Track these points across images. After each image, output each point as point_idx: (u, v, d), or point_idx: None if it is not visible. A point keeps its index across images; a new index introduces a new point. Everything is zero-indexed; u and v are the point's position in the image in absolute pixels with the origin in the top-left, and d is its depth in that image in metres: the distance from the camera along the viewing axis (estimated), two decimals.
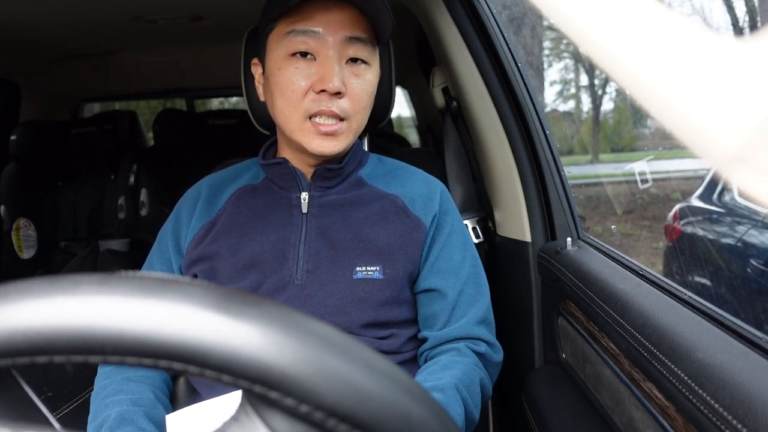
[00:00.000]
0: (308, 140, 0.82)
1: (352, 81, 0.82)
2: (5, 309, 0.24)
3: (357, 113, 0.83)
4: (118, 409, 0.80)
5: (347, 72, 0.81)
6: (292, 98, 0.81)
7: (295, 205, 0.88)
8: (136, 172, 2.28)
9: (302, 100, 0.80)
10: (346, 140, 0.84)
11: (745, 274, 2.16)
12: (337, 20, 0.80)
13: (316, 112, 0.80)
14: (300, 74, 0.80)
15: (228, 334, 0.24)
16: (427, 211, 0.89)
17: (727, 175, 0.20)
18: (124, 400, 0.81)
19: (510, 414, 1.20)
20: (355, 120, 0.84)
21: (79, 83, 2.35)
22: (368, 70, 0.84)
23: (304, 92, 0.80)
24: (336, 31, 0.80)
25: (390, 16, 0.82)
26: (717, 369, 0.51)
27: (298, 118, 0.81)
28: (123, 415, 0.79)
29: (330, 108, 0.80)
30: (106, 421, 0.80)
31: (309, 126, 0.81)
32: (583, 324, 0.86)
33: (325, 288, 0.83)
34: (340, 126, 0.82)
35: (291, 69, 0.81)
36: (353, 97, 0.82)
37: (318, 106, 0.80)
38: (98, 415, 0.82)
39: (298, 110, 0.81)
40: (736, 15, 4.17)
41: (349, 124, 0.83)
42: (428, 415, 0.26)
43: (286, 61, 0.81)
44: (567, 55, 11.18)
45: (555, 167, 1.09)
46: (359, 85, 0.82)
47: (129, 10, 1.48)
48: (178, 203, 0.96)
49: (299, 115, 0.81)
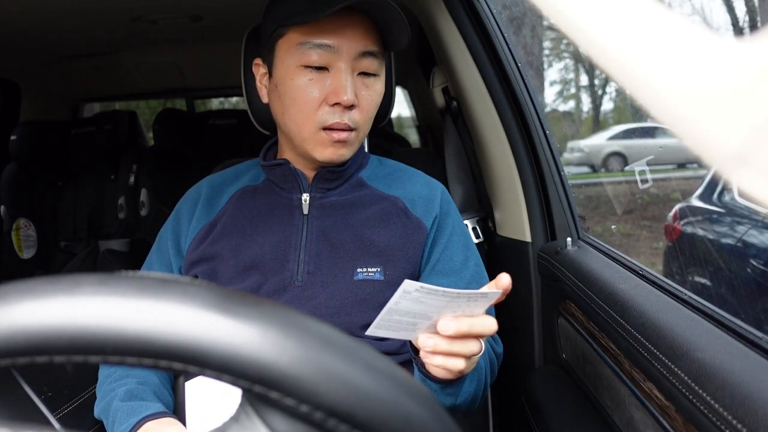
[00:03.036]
0: (320, 150, 0.83)
1: (363, 93, 0.82)
2: (5, 309, 0.24)
3: (365, 123, 0.85)
4: (126, 387, 0.82)
5: (359, 84, 0.82)
6: (306, 109, 0.81)
7: (296, 206, 0.88)
8: (136, 172, 2.28)
9: (316, 112, 0.81)
10: (353, 148, 0.86)
11: (745, 274, 2.16)
12: (352, 33, 0.80)
13: (330, 126, 0.81)
14: (313, 86, 0.81)
15: (228, 334, 0.24)
16: (427, 212, 0.89)
17: (727, 175, 0.20)
18: (130, 382, 0.83)
19: (510, 414, 1.20)
20: (363, 130, 0.85)
21: (79, 83, 2.34)
22: (377, 81, 0.85)
23: (318, 104, 0.81)
24: (350, 46, 0.80)
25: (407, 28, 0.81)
26: (717, 369, 0.51)
27: (311, 128, 0.82)
28: (131, 391, 0.82)
29: (343, 120, 0.81)
30: (114, 398, 0.81)
31: (323, 136, 0.82)
32: (583, 324, 0.86)
33: (326, 289, 0.83)
34: (349, 135, 0.83)
35: (304, 80, 0.81)
36: (363, 108, 0.83)
37: (332, 119, 0.80)
38: (105, 395, 0.83)
39: (311, 121, 0.81)
40: (736, 15, 4.17)
41: (357, 134, 0.84)
42: (428, 415, 0.26)
43: (299, 71, 0.81)
44: (567, 55, 11.18)
45: (555, 167, 1.09)
46: (369, 96, 0.83)
47: (129, 10, 1.48)
48: (178, 204, 0.96)
49: (313, 125, 0.81)
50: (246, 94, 1.00)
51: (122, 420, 0.78)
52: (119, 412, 0.79)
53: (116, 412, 0.79)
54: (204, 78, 2.46)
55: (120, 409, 0.79)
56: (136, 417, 0.77)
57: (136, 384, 0.83)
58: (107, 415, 0.81)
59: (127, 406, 0.79)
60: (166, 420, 0.78)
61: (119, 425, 0.77)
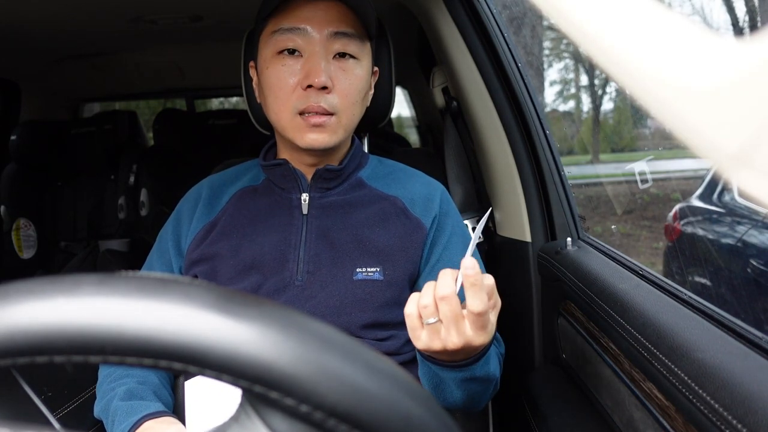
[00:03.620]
0: (299, 135, 0.82)
1: (339, 76, 0.82)
2: (5, 309, 0.24)
3: (346, 108, 0.83)
4: (126, 386, 0.82)
5: (335, 67, 0.82)
6: (281, 95, 0.82)
7: (295, 206, 0.88)
8: (136, 172, 2.28)
9: (291, 96, 0.81)
10: (335, 134, 0.84)
11: (745, 274, 2.16)
12: (323, 16, 0.81)
13: (304, 109, 0.81)
14: (288, 71, 0.81)
15: (228, 334, 0.24)
16: (427, 212, 0.89)
17: (727, 175, 0.20)
18: (130, 381, 0.83)
19: (510, 414, 1.20)
20: (344, 115, 0.84)
21: (79, 83, 2.34)
22: (357, 65, 0.84)
23: (292, 89, 0.81)
24: (322, 27, 0.80)
25: (372, 9, 0.83)
26: (717, 369, 0.51)
27: (288, 115, 0.82)
28: (131, 390, 0.82)
29: (318, 103, 0.80)
30: (114, 398, 0.81)
31: (299, 121, 0.82)
32: (583, 324, 0.86)
33: (325, 289, 0.83)
34: (327, 119, 0.82)
35: (279, 66, 0.82)
36: (341, 92, 0.82)
37: (306, 102, 0.80)
38: (105, 395, 0.83)
39: (287, 106, 0.82)
40: (736, 15, 4.17)
41: (339, 119, 0.83)
42: (428, 415, 0.26)
43: (275, 59, 0.82)
44: (567, 55, 11.18)
45: (555, 167, 1.09)
46: (347, 80, 0.82)
47: (129, 11, 1.48)
48: (179, 204, 0.96)
49: (289, 111, 0.82)
50: (246, 94, 1.01)
51: (122, 419, 0.78)
52: (119, 411, 0.79)
53: (116, 412, 0.79)
54: (204, 78, 2.46)
55: (120, 408, 0.79)
56: (136, 416, 0.77)
57: (135, 383, 0.83)
58: (107, 414, 0.81)
59: (127, 405, 0.79)
60: (165, 419, 0.78)
61: (119, 424, 0.78)
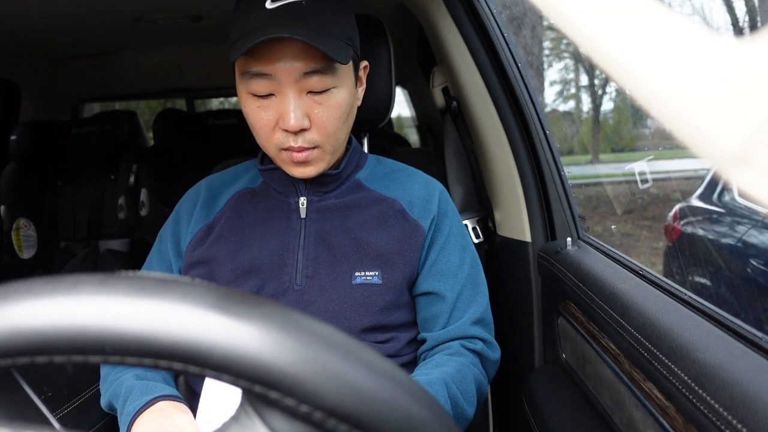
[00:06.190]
0: (287, 167, 0.83)
1: (316, 110, 0.79)
2: (5, 309, 0.24)
3: (328, 138, 0.81)
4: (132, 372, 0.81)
5: (310, 103, 0.78)
6: (262, 134, 0.81)
7: (293, 210, 0.88)
8: (136, 172, 2.28)
9: (272, 134, 0.80)
10: (322, 162, 0.83)
11: (745, 274, 2.16)
12: (290, 58, 0.75)
13: (285, 147, 0.80)
14: (263, 112, 0.79)
15: (228, 334, 0.24)
16: (425, 214, 0.89)
17: (727, 175, 0.20)
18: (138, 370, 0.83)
19: (510, 414, 1.20)
20: (328, 144, 0.81)
21: (79, 83, 2.34)
22: (335, 92, 0.79)
23: (271, 127, 0.79)
24: (289, 71, 0.75)
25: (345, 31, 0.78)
26: (717, 369, 0.51)
27: (272, 150, 0.82)
28: (139, 375, 0.81)
29: (297, 144, 0.79)
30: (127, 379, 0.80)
31: (284, 155, 0.81)
32: (583, 324, 0.86)
33: (324, 293, 0.83)
34: (310, 153, 0.80)
35: (254, 107, 0.79)
36: (320, 126, 0.79)
37: (286, 143, 0.79)
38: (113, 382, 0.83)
39: (270, 144, 0.81)
40: (736, 15, 4.17)
41: (323, 150, 0.81)
42: (428, 415, 0.26)
43: (249, 98, 0.79)
44: (567, 55, 11.18)
45: (555, 167, 1.09)
46: (325, 112, 0.79)
47: (129, 11, 1.48)
48: (178, 204, 0.96)
49: (273, 147, 0.81)
50: None
51: (136, 396, 0.77)
52: (134, 389, 0.78)
53: (131, 390, 0.78)
54: (204, 78, 2.46)
55: (135, 387, 0.78)
56: (152, 395, 0.76)
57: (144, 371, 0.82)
58: (118, 394, 0.80)
59: (143, 384, 0.79)
60: (179, 405, 0.77)
61: (132, 401, 0.76)
